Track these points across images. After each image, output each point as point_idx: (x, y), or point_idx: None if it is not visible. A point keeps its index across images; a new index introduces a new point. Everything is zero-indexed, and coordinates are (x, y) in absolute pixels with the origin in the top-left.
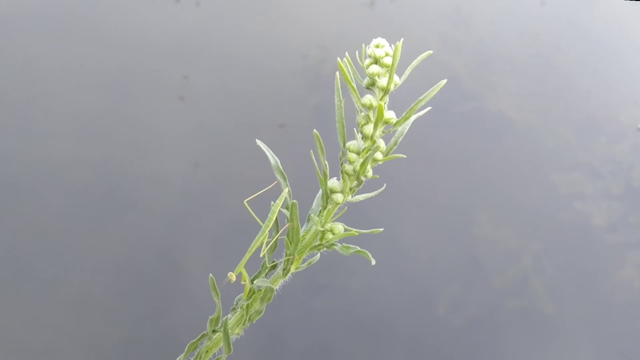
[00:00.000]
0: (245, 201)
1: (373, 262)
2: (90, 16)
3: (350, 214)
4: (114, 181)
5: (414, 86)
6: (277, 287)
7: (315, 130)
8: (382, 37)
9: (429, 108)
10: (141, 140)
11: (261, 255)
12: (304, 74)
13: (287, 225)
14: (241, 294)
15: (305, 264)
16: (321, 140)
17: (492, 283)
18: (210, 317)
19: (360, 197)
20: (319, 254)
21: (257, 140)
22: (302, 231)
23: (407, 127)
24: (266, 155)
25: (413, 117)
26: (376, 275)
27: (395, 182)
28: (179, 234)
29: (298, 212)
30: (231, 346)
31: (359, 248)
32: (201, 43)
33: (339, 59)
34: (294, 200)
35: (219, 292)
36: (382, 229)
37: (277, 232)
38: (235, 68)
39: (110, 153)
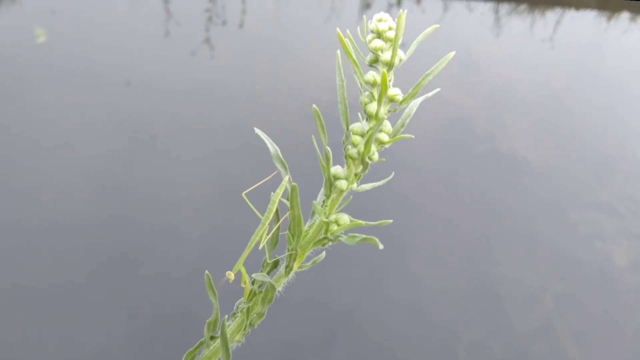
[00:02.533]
0: (243, 194)
1: (381, 247)
2: (108, 69)
3: (367, 252)
4: (130, 237)
5: (425, 123)
6: (279, 289)
7: (314, 105)
8: (395, 85)
9: (438, 89)
10: (160, 192)
11: (260, 247)
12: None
13: (287, 214)
14: (241, 299)
15: (310, 262)
16: (321, 117)
17: (514, 326)
18: (207, 321)
19: (367, 186)
20: (324, 253)
21: (255, 128)
22: (305, 226)
23: (415, 108)
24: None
25: (420, 98)
26: (396, 320)
27: (413, 225)
28: (196, 287)
29: (299, 198)
30: (230, 352)
31: (364, 236)
32: (215, 93)
33: (338, 30)
34: (294, 184)
35: (216, 291)
36: (390, 221)
37: (279, 228)
38: (248, 116)
39: (127, 207)
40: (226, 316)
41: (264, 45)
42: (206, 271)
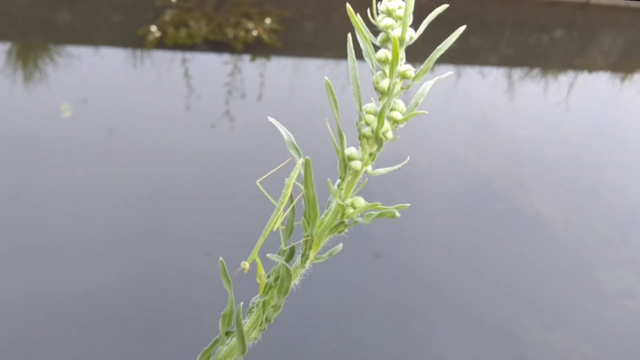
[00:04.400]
0: (258, 181)
1: (398, 215)
2: (131, 144)
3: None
4: (153, 301)
5: (444, 185)
6: (296, 281)
7: (326, 77)
8: (412, 145)
9: (450, 73)
10: (182, 260)
11: (274, 229)
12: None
13: (301, 194)
14: (257, 295)
15: (327, 253)
16: (334, 91)
17: None
18: (222, 313)
19: (382, 170)
20: (341, 244)
21: (269, 117)
22: (321, 215)
23: (428, 88)
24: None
25: (433, 80)
26: None
27: (435, 287)
28: None
29: (313, 177)
30: (246, 345)
31: (379, 211)
32: (236, 164)
33: (348, 5)
34: (307, 157)
35: (230, 280)
36: (408, 205)
37: (294, 213)
38: (271, 186)
39: (149, 273)
40: (241, 303)
41: (282, 115)
42: (220, 258)
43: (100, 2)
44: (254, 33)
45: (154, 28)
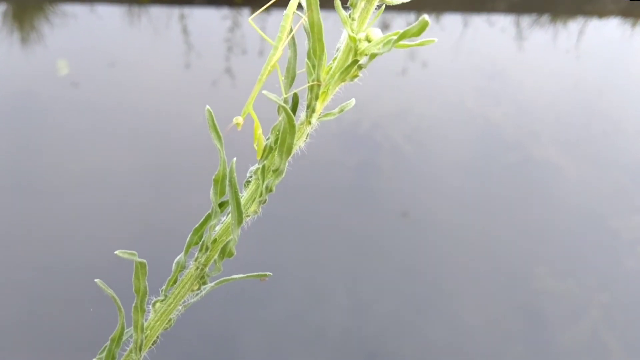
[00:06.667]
0: (250, 19)
1: (427, 20)
2: (130, 101)
3: None
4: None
5: (454, 135)
6: (302, 144)
7: None
8: (418, 97)
9: None
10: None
11: (270, 66)
12: (341, 136)
13: (302, 20)
14: (255, 164)
15: (337, 109)
16: None
17: (559, 341)
18: (213, 178)
19: None
20: (354, 100)
21: None
22: (329, 60)
23: None
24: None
25: None
26: (432, 344)
27: (447, 245)
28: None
29: None
30: (243, 213)
31: (400, 32)
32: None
33: None
34: None
35: (220, 134)
36: (435, 39)
37: (295, 53)
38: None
39: (152, 253)
40: (234, 159)
41: (284, 70)
42: (207, 106)
43: None
44: None
45: None
